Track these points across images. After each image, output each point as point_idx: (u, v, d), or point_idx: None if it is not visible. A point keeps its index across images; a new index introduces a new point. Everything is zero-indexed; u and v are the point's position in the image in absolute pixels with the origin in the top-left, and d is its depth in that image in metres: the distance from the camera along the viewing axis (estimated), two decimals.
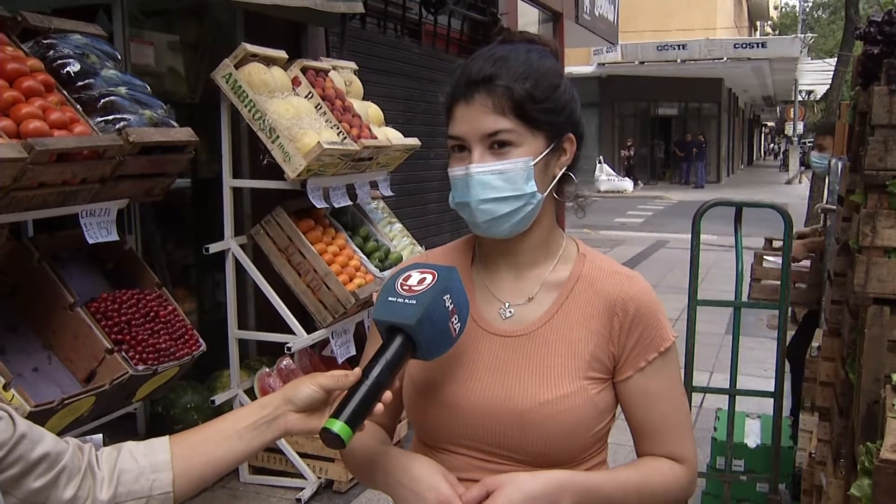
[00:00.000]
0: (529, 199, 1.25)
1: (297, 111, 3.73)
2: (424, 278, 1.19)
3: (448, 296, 1.17)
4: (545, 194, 1.28)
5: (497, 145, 1.23)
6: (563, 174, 1.32)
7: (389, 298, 1.17)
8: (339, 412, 1.10)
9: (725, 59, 24.25)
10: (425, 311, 1.13)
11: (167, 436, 1.17)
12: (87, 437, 2.70)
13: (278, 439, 1.19)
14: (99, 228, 2.80)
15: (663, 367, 1.30)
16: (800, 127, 32.83)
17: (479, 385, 1.27)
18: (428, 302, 1.14)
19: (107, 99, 2.79)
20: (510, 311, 1.32)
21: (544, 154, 1.26)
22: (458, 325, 1.19)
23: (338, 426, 1.08)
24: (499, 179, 1.23)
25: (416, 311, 1.13)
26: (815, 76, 26.99)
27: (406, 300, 1.15)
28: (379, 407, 1.13)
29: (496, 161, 1.23)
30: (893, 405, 1.77)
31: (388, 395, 1.14)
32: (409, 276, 1.20)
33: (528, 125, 1.24)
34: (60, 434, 1.20)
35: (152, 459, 1.12)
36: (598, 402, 1.27)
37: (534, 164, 1.24)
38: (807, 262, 4.25)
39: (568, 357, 1.27)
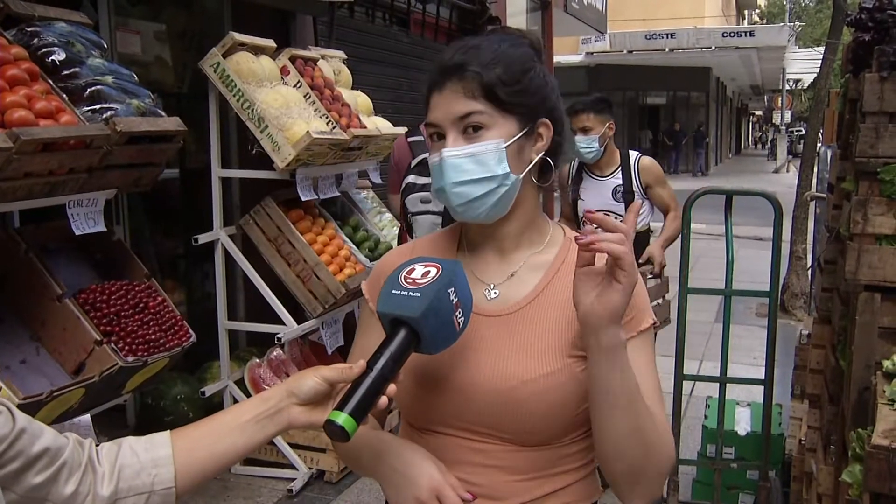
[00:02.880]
0: (502, 180, 1.26)
1: (286, 100, 3.71)
2: (429, 271, 1.18)
3: (453, 289, 1.16)
4: (520, 177, 1.29)
5: (470, 129, 1.25)
6: (543, 161, 1.32)
7: (393, 291, 1.16)
8: (344, 404, 1.08)
9: (713, 47, 24.28)
10: (430, 303, 1.12)
11: (168, 430, 1.15)
12: (75, 420, 2.69)
13: (282, 433, 1.17)
14: (86, 219, 2.77)
15: (644, 345, 1.31)
16: (787, 116, 32.96)
17: (465, 365, 1.28)
18: (433, 295, 1.13)
19: (93, 88, 2.75)
20: (495, 292, 1.33)
21: (517, 137, 1.27)
22: (462, 318, 1.18)
23: (342, 418, 1.06)
24: (470, 162, 1.25)
25: (420, 303, 1.12)
26: (803, 65, 27.06)
27: (410, 293, 1.14)
28: (383, 400, 1.12)
29: (467, 144, 1.25)
30: (884, 391, 1.78)
31: (392, 387, 1.13)
32: (413, 269, 1.19)
33: (499, 108, 1.25)
34: (49, 426, 1.19)
35: (153, 454, 1.10)
36: (583, 379, 1.26)
37: (506, 147, 1.26)
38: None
39: (552, 335, 1.28)
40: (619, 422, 1.19)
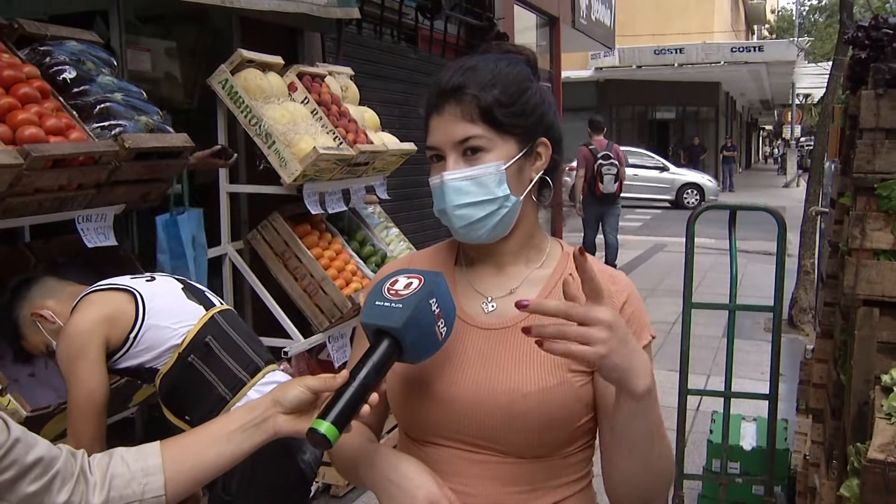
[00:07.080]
0: (503, 202, 1.27)
1: (293, 116, 3.75)
2: (411, 283, 1.20)
3: (434, 300, 1.18)
4: (521, 198, 1.30)
5: (469, 152, 1.26)
6: (542, 179, 1.33)
7: (376, 302, 1.19)
8: (326, 413, 1.10)
9: (723, 62, 24.31)
10: (411, 314, 1.15)
11: (158, 441, 1.18)
12: None
13: (268, 441, 1.20)
14: (97, 234, 2.81)
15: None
16: (797, 130, 32.86)
17: (462, 377, 1.28)
18: (414, 305, 1.16)
19: (103, 105, 2.80)
20: (492, 305, 1.33)
21: (517, 158, 1.28)
22: (445, 329, 1.21)
23: (324, 426, 1.09)
24: (471, 185, 1.26)
25: (402, 314, 1.15)
26: (813, 80, 27.01)
27: (393, 304, 1.17)
28: (365, 408, 1.14)
29: (468, 167, 1.26)
30: (882, 405, 1.78)
31: (374, 396, 1.15)
32: (396, 281, 1.22)
33: (498, 130, 1.26)
34: (56, 440, 1.22)
35: (143, 464, 1.13)
36: (583, 394, 1.27)
37: (506, 168, 1.27)
38: None
39: None
40: (635, 462, 1.19)
